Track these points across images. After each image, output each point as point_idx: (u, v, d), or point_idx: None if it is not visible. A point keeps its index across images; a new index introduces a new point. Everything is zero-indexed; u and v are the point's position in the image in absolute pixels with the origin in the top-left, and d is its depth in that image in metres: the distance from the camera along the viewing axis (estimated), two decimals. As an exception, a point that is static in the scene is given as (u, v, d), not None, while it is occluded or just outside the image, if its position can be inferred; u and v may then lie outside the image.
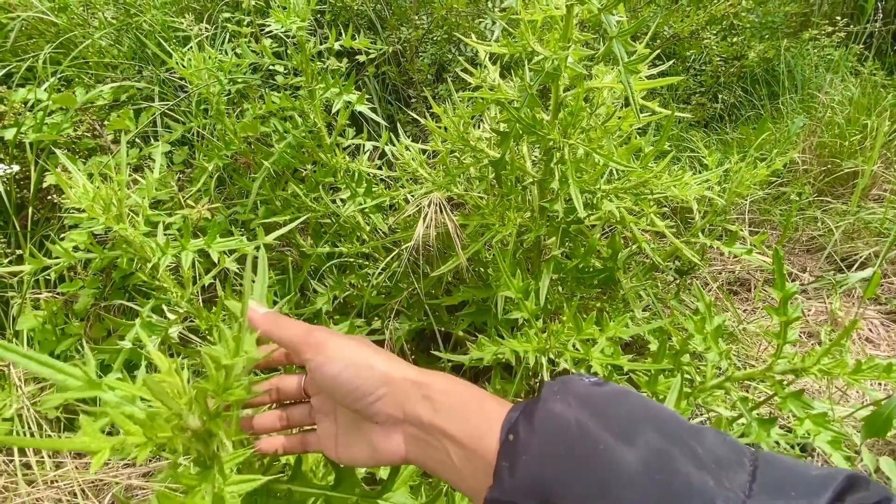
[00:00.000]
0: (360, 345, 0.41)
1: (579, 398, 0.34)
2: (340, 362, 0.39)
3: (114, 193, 0.72)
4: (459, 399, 0.39)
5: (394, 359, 0.41)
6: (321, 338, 0.40)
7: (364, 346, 0.41)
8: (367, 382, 0.39)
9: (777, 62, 2.34)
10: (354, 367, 0.39)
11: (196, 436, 0.31)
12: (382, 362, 0.40)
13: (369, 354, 0.40)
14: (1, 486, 0.99)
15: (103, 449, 0.28)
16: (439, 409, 0.38)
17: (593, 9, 0.76)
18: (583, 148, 0.80)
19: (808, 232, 1.69)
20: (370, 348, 0.41)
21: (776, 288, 0.63)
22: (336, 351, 0.39)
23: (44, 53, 1.49)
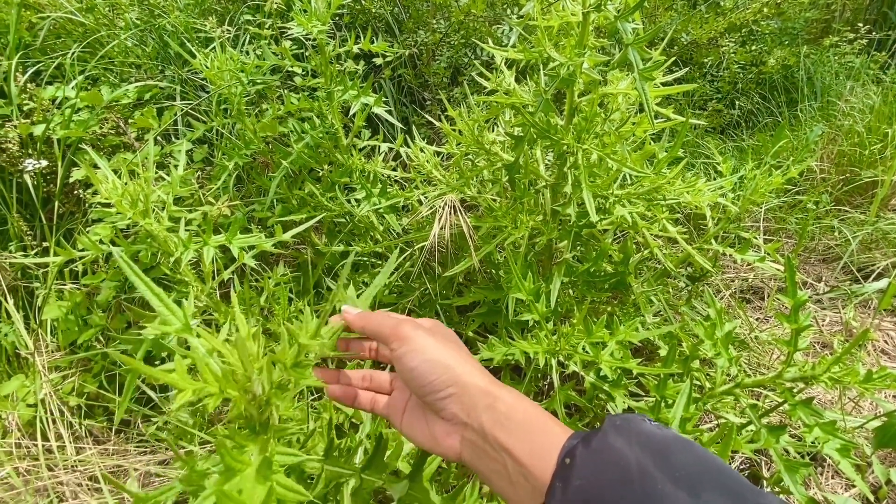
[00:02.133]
0: (442, 343, 0.43)
1: (641, 437, 0.35)
2: (420, 356, 0.42)
3: (141, 189, 0.75)
4: (524, 416, 0.40)
5: (470, 362, 0.43)
6: (407, 331, 0.43)
7: (446, 345, 0.44)
8: (438, 380, 0.41)
9: (797, 69, 2.31)
10: (431, 363, 0.42)
11: (256, 401, 0.33)
12: (458, 364, 0.42)
13: (448, 354, 0.43)
14: (23, 469, 1.02)
15: (187, 389, 0.30)
16: (504, 422, 0.39)
17: (610, 16, 0.77)
18: (596, 153, 0.81)
19: (825, 241, 1.67)
20: (451, 348, 0.44)
21: (787, 296, 0.64)
22: (418, 345, 0.42)
23: (72, 52, 1.54)
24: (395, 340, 0.43)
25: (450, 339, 0.46)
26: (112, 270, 1.24)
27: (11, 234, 1.34)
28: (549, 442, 0.37)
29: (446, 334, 0.47)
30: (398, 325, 0.44)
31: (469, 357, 0.45)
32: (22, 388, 1.10)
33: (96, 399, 1.12)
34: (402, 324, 0.44)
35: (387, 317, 0.46)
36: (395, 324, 0.44)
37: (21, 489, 0.97)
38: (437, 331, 0.46)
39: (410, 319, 0.46)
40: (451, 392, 0.41)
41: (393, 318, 0.46)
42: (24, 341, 1.17)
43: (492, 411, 0.40)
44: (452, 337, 0.47)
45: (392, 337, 0.44)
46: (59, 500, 0.97)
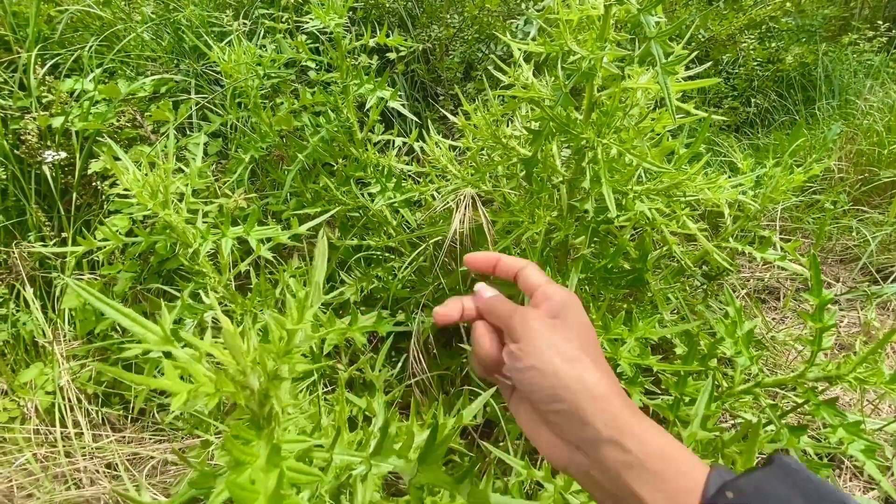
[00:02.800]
0: (564, 341, 0.37)
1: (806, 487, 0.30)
2: (529, 359, 0.36)
3: (161, 181, 0.76)
4: (660, 457, 0.33)
5: (597, 370, 0.36)
6: (520, 324, 0.38)
7: (569, 344, 0.37)
8: (547, 392, 0.35)
9: (814, 66, 2.28)
10: (539, 373, 0.35)
11: (254, 396, 0.33)
12: (576, 373, 0.35)
13: (567, 359, 0.36)
14: (42, 455, 1.04)
15: (182, 392, 0.31)
16: (634, 465, 0.33)
17: (632, 9, 0.76)
18: (616, 148, 0.80)
19: (843, 241, 1.65)
20: (574, 349, 0.36)
21: (812, 294, 0.63)
22: (531, 346, 0.36)
23: (89, 46, 1.56)
24: (509, 333, 0.39)
25: (579, 333, 0.38)
26: (128, 261, 1.25)
27: (30, 224, 1.36)
28: (686, 485, 0.32)
29: (576, 325, 0.38)
30: (513, 315, 0.39)
31: (597, 361, 0.37)
32: (41, 375, 1.12)
33: (113, 387, 1.14)
34: (518, 314, 0.38)
35: (504, 303, 0.41)
36: (509, 313, 0.39)
37: (39, 475, 0.99)
38: (564, 321, 0.38)
39: (529, 309, 0.39)
40: (560, 409, 0.35)
41: (509, 306, 0.40)
42: (42, 330, 1.19)
43: (618, 449, 0.33)
44: (583, 328, 0.39)
45: (507, 328, 0.39)
46: (77, 486, 0.98)
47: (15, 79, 1.45)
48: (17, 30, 1.55)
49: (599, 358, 0.38)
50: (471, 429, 0.96)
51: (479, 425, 1.02)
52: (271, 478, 0.31)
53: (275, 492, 0.29)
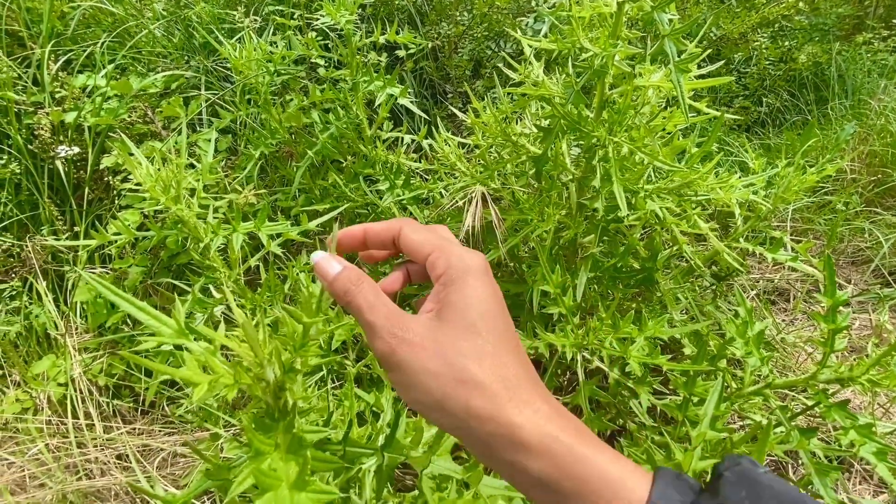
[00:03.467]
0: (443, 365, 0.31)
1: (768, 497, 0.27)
2: (410, 394, 0.31)
3: (173, 176, 0.76)
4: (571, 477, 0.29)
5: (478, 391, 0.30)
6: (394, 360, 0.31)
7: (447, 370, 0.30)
8: (439, 421, 0.31)
9: (827, 66, 2.25)
10: (425, 408, 0.31)
11: (270, 387, 0.34)
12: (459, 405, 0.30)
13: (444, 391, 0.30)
14: (54, 445, 1.05)
15: (202, 382, 0.31)
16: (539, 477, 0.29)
17: (645, 6, 0.75)
18: (627, 146, 0.80)
19: (855, 243, 1.63)
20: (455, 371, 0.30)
21: (825, 295, 0.62)
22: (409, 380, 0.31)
23: (101, 42, 1.57)
24: (378, 358, 0.33)
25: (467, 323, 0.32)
26: (139, 256, 1.26)
27: (43, 218, 1.38)
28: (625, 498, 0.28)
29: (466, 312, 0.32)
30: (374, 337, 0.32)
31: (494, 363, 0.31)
32: (53, 367, 1.14)
33: (124, 380, 1.15)
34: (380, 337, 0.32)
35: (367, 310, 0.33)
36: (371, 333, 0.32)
37: (52, 465, 1.00)
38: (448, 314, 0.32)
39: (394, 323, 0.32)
40: (458, 436, 0.32)
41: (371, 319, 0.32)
42: (55, 322, 1.21)
43: (519, 472, 0.30)
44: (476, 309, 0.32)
45: (374, 353, 0.33)
46: (88, 477, 1.00)
47: (29, 74, 1.47)
48: (31, 26, 1.56)
49: (494, 349, 0.32)
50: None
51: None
52: (292, 466, 0.31)
53: (298, 478, 0.29)
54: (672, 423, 0.79)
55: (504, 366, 0.31)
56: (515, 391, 0.31)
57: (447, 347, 0.31)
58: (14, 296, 1.28)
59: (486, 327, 0.32)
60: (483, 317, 0.32)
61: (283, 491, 0.29)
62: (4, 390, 1.14)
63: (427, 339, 0.32)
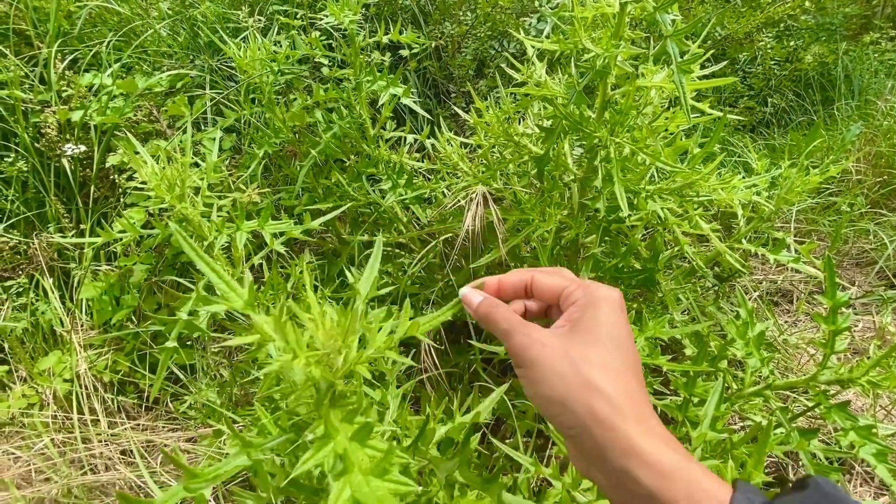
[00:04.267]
0: (571, 368, 0.34)
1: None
2: (535, 388, 0.35)
3: (178, 174, 0.77)
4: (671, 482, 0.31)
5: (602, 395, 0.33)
6: (523, 348, 0.35)
7: (574, 372, 0.34)
8: (558, 418, 0.34)
9: (834, 66, 2.24)
10: (547, 401, 0.34)
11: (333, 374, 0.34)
12: (582, 402, 0.33)
13: (569, 390, 0.34)
14: (59, 440, 1.07)
15: (301, 356, 0.31)
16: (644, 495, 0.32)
17: (648, 7, 0.75)
18: (629, 147, 0.80)
19: (859, 245, 1.62)
20: (581, 375, 0.34)
21: (826, 297, 0.62)
22: (537, 375, 0.35)
23: (107, 41, 1.59)
24: (511, 355, 0.37)
25: (596, 341, 0.35)
26: (144, 253, 1.27)
27: (49, 216, 1.39)
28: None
29: (595, 331, 0.36)
30: (510, 335, 0.36)
31: (618, 372, 0.34)
32: (59, 363, 1.15)
33: (128, 376, 1.16)
34: (517, 337, 0.36)
35: (504, 321, 0.38)
36: (506, 333, 0.37)
37: (57, 460, 1.02)
38: (578, 330, 0.36)
39: (528, 327, 0.36)
40: (572, 434, 0.34)
41: (507, 327, 0.37)
42: (61, 319, 1.22)
43: (630, 480, 0.32)
44: (605, 332, 0.36)
45: (509, 351, 0.37)
46: (93, 471, 1.01)
47: (36, 73, 1.49)
48: (37, 25, 1.58)
49: (621, 367, 0.35)
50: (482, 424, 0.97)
51: (489, 422, 1.03)
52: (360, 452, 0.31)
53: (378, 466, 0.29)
54: (672, 424, 0.79)
55: (628, 383, 0.35)
56: (636, 407, 0.34)
57: (575, 355, 0.35)
58: (21, 292, 1.30)
59: (615, 347, 0.36)
60: (612, 338, 0.36)
61: (357, 476, 0.29)
62: (11, 386, 1.16)
63: (558, 345, 0.36)
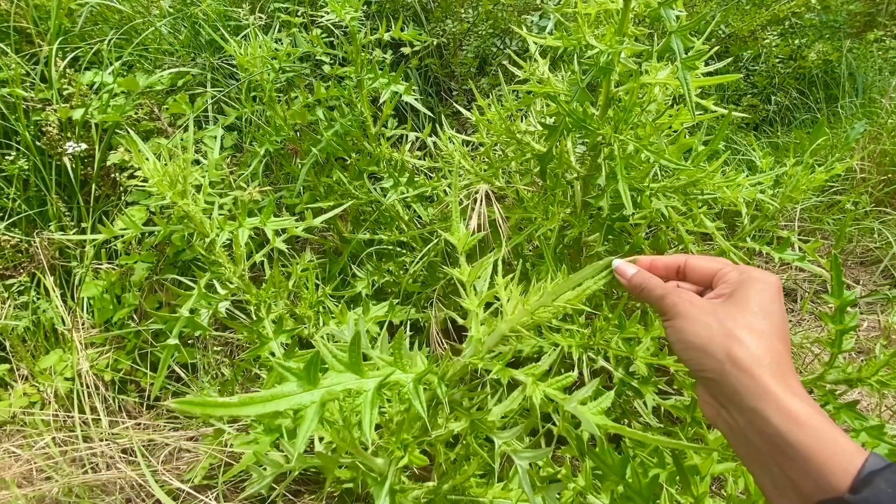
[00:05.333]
0: (718, 323, 0.37)
1: None
2: (680, 335, 0.39)
3: (180, 171, 0.77)
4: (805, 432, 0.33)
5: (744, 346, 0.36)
6: (678, 311, 0.39)
7: (719, 327, 0.37)
8: (695, 359, 0.38)
9: (838, 64, 2.22)
10: (686, 345, 0.38)
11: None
12: (721, 348, 0.36)
13: (710, 337, 0.37)
14: (60, 439, 1.06)
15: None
16: (776, 440, 0.33)
17: (652, 3, 0.75)
18: (633, 144, 0.79)
19: (864, 243, 1.61)
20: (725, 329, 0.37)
21: (833, 296, 0.61)
22: (685, 323, 0.39)
23: (109, 39, 1.58)
24: (661, 312, 0.41)
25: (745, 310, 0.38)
26: (145, 252, 1.27)
27: (51, 214, 1.39)
28: (836, 467, 0.31)
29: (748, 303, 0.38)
30: (664, 297, 0.41)
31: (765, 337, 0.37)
32: (60, 362, 1.15)
33: (129, 375, 1.16)
34: (669, 297, 0.41)
35: (657, 287, 0.43)
36: (660, 295, 0.41)
37: (58, 458, 1.01)
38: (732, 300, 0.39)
39: (681, 290, 0.41)
40: (708, 377, 0.37)
41: (662, 291, 0.42)
42: (62, 317, 1.22)
43: (762, 421, 0.34)
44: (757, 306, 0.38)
45: (660, 309, 0.41)
46: (94, 470, 1.00)
47: (37, 71, 1.48)
48: (38, 23, 1.57)
49: (767, 329, 0.37)
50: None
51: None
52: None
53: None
54: (677, 424, 0.78)
55: (772, 343, 0.37)
56: (778, 363, 0.36)
57: (722, 315, 0.38)
58: (22, 291, 1.29)
59: (763, 315, 0.38)
60: (762, 308, 0.38)
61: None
62: (12, 384, 1.16)
63: (707, 305, 0.40)
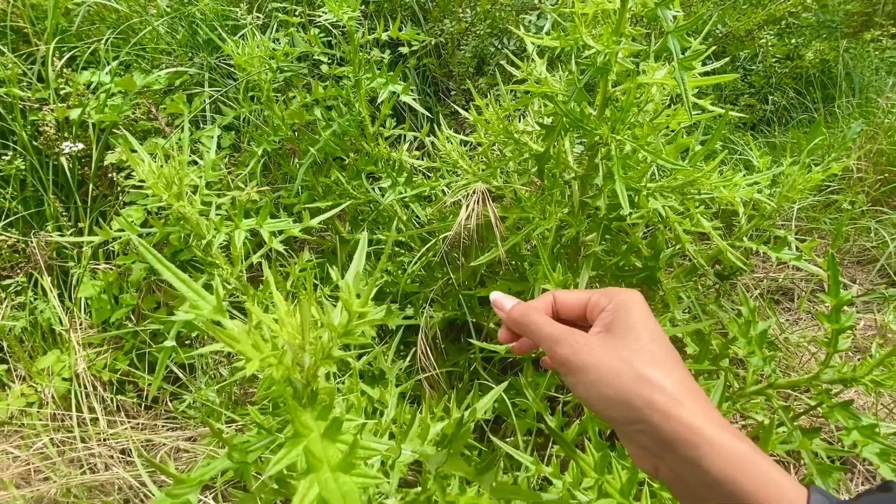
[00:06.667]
0: (623, 362, 0.34)
1: None
2: (591, 390, 0.35)
3: (176, 172, 0.76)
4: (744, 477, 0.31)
5: (660, 388, 0.33)
6: (569, 357, 0.35)
7: (630, 364, 0.34)
8: (619, 417, 0.34)
9: (835, 63, 2.23)
10: (607, 400, 0.34)
11: (304, 373, 0.34)
12: (645, 395, 0.33)
13: (629, 382, 0.34)
14: (58, 440, 1.06)
15: (255, 359, 0.31)
16: (714, 487, 0.31)
17: (649, 3, 0.75)
18: (630, 144, 0.79)
19: (860, 243, 1.62)
20: (635, 367, 0.34)
21: (829, 295, 0.62)
22: (586, 378, 0.35)
23: (106, 38, 1.58)
24: (556, 366, 0.37)
25: (637, 339, 0.36)
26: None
27: (48, 214, 1.39)
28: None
29: (633, 330, 0.36)
30: (557, 345, 0.36)
31: (664, 363, 0.35)
32: (57, 362, 1.15)
33: (127, 375, 1.16)
34: (563, 344, 0.36)
35: (545, 325, 0.38)
36: (553, 340, 0.36)
37: (56, 459, 1.01)
38: (617, 332, 0.36)
39: (573, 333, 0.37)
40: (640, 429, 0.34)
41: (550, 332, 0.37)
42: (59, 318, 1.21)
43: (696, 469, 0.32)
44: (641, 330, 0.36)
45: (554, 360, 0.37)
46: (92, 471, 1.00)
47: (34, 71, 1.48)
48: (35, 22, 1.57)
49: (667, 358, 0.36)
50: (482, 422, 0.97)
51: (489, 420, 1.03)
52: (332, 449, 0.31)
53: (344, 461, 0.29)
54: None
55: (680, 373, 0.35)
56: (695, 396, 0.34)
57: (624, 353, 0.35)
58: (19, 291, 1.29)
59: (655, 341, 0.36)
60: (651, 334, 0.37)
61: (325, 473, 0.29)
62: (10, 385, 1.15)
63: (605, 345, 0.36)
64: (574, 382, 0.36)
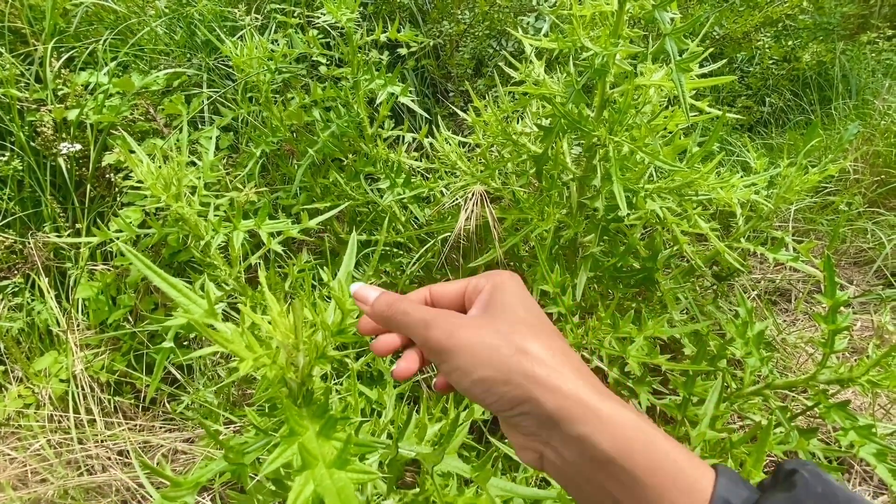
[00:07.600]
0: (500, 339, 0.32)
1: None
2: (467, 378, 0.31)
3: (174, 173, 0.76)
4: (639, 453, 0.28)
5: (539, 360, 0.31)
6: (442, 342, 0.32)
7: (508, 342, 0.31)
8: (503, 398, 0.31)
9: (831, 65, 2.24)
10: (484, 384, 0.31)
11: (298, 373, 0.34)
12: (527, 372, 0.30)
13: (508, 360, 0.31)
14: (55, 441, 1.06)
15: (249, 357, 0.31)
16: (606, 464, 0.29)
17: (647, 5, 0.75)
18: (628, 146, 0.80)
19: (857, 244, 1.62)
20: (513, 346, 0.31)
21: (825, 296, 0.62)
22: (461, 362, 0.32)
23: (104, 39, 1.58)
24: (431, 354, 0.34)
25: (513, 314, 0.33)
26: (141, 253, 1.26)
27: (45, 215, 1.38)
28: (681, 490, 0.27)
29: (509, 306, 0.34)
30: (428, 328, 0.33)
31: (539, 336, 0.32)
32: (55, 363, 1.14)
33: (125, 376, 1.15)
34: (434, 327, 0.33)
35: (414, 311, 0.34)
36: (423, 329, 0.33)
37: (53, 460, 1.01)
38: (492, 309, 0.34)
39: (447, 314, 0.34)
40: (523, 410, 0.31)
41: (421, 316, 0.34)
42: (56, 319, 1.21)
43: (585, 446, 0.29)
44: (518, 306, 0.34)
45: (426, 346, 0.33)
46: (89, 472, 1.00)
47: (31, 71, 1.48)
48: (33, 23, 1.57)
49: (547, 330, 0.34)
50: (480, 423, 0.97)
51: (487, 421, 1.03)
52: (327, 447, 0.31)
53: (339, 457, 0.29)
54: (671, 423, 0.79)
55: (558, 344, 0.33)
56: (577, 366, 0.32)
57: (502, 327, 0.33)
58: (16, 292, 1.29)
59: (533, 316, 0.34)
60: (528, 310, 0.35)
61: (320, 469, 0.29)
62: (7, 386, 1.15)
63: (482, 323, 0.33)
64: (450, 369, 0.32)
